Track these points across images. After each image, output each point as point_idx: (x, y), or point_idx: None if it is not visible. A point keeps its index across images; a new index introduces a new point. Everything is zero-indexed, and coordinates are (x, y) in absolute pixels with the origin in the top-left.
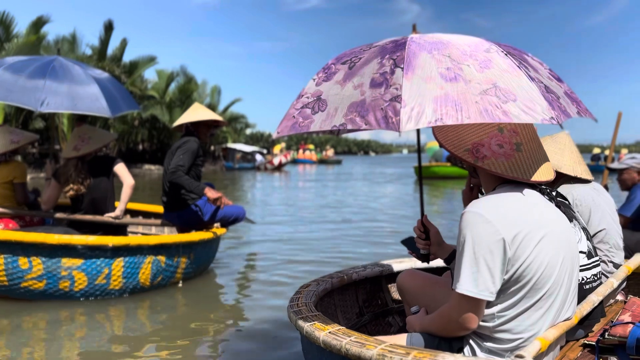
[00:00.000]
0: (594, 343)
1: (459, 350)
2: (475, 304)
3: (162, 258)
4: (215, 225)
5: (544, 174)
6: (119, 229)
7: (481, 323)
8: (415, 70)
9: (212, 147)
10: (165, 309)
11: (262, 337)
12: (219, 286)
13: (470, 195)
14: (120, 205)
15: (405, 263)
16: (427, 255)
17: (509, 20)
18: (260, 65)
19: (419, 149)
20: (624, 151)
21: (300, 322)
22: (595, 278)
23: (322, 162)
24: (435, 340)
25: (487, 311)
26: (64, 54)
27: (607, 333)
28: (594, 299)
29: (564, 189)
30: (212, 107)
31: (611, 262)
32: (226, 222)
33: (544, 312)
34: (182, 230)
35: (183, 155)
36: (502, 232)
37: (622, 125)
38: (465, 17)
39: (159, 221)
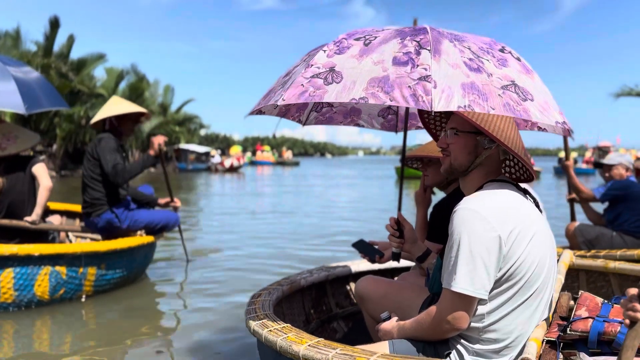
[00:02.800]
0: (554, 339)
1: (446, 355)
2: (469, 303)
3: (61, 269)
4: (139, 232)
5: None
6: (41, 236)
7: (470, 324)
8: (442, 55)
9: (165, 148)
10: (63, 326)
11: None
12: (135, 300)
13: (424, 196)
14: (36, 210)
15: (351, 266)
16: (398, 254)
17: (462, 27)
18: (215, 66)
19: (404, 149)
20: (587, 154)
21: (270, 336)
22: None
23: (280, 163)
24: (420, 346)
25: (477, 311)
26: (7, 50)
27: (568, 329)
28: (554, 295)
29: None
30: (164, 106)
31: None
32: (153, 230)
33: (533, 310)
34: (106, 237)
35: (109, 155)
36: (498, 229)
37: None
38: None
39: (79, 227)
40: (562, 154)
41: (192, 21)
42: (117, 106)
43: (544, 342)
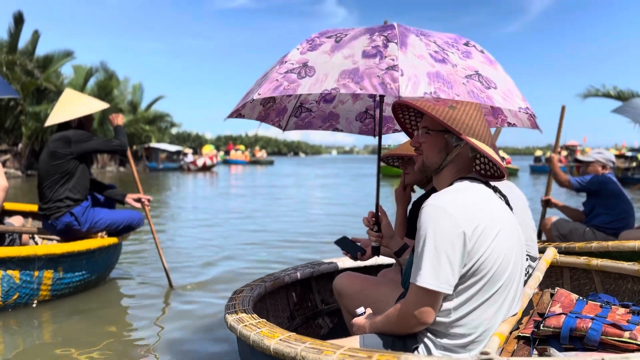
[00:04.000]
0: (528, 335)
1: (414, 349)
2: (434, 297)
3: (14, 273)
4: (100, 234)
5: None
6: None
7: (437, 319)
8: (409, 47)
9: (134, 147)
10: (16, 333)
11: None
12: (97, 305)
13: (404, 194)
14: None
15: (336, 263)
16: (377, 247)
17: (434, 26)
18: (186, 64)
19: (379, 148)
20: (563, 153)
21: (245, 331)
22: (526, 272)
23: (254, 162)
24: (389, 340)
25: (443, 306)
26: None
27: (541, 325)
28: (529, 292)
29: None
30: (134, 105)
31: (528, 254)
32: (116, 231)
33: (499, 306)
34: (65, 240)
35: (94, 141)
36: (462, 225)
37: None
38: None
39: (35, 229)
40: (538, 152)
41: (163, 18)
42: (85, 105)
43: (519, 338)
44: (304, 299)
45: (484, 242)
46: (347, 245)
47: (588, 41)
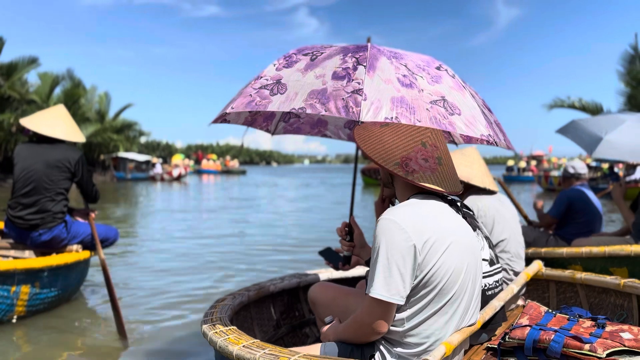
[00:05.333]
0: (496, 346)
1: (371, 357)
2: (386, 308)
3: None
4: (75, 248)
5: (456, 186)
6: None
7: (391, 328)
8: (376, 70)
9: (102, 156)
10: None
11: None
12: (72, 320)
13: (382, 206)
14: None
15: (323, 273)
16: (349, 257)
17: (402, 39)
18: (156, 72)
19: (356, 159)
20: (523, 163)
21: (214, 337)
22: (497, 284)
23: (226, 172)
24: (349, 348)
25: (397, 316)
26: None
27: (507, 336)
28: (495, 304)
29: (470, 200)
30: (101, 113)
31: (512, 270)
32: (91, 244)
33: (450, 317)
34: (41, 254)
35: (91, 177)
36: (413, 238)
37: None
38: (362, 34)
39: (6, 243)
40: (510, 162)
41: (133, 26)
42: (78, 132)
43: (488, 349)
44: (291, 309)
45: (434, 255)
46: (330, 256)
47: (553, 54)
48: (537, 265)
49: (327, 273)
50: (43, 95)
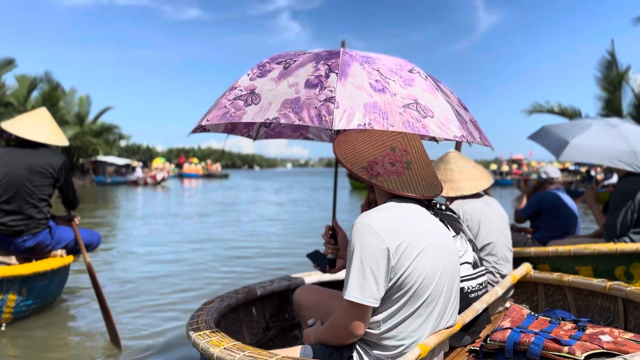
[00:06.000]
0: (478, 348)
1: (349, 358)
2: (361, 311)
3: None
4: (60, 253)
5: (431, 190)
6: None
7: (368, 330)
8: (348, 77)
9: (81, 160)
10: None
11: None
12: (60, 326)
13: (368, 209)
14: None
15: (312, 276)
16: (334, 260)
17: (384, 44)
18: (137, 75)
19: (336, 162)
20: (504, 166)
21: (197, 339)
22: (481, 287)
23: (209, 176)
24: (328, 351)
25: (373, 319)
26: None
27: (489, 339)
28: (477, 306)
29: (456, 204)
30: (81, 116)
31: (499, 273)
32: (75, 249)
33: (425, 319)
34: (25, 260)
35: (72, 184)
36: (387, 241)
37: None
38: (344, 38)
39: None
40: (493, 166)
41: (113, 28)
42: (63, 136)
43: (471, 351)
44: (281, 311)
45: (407, 258)
46: (318, 259)
47: (532, 60)
48: (525, 268)
49: (316, 276)
50: (20, 97)
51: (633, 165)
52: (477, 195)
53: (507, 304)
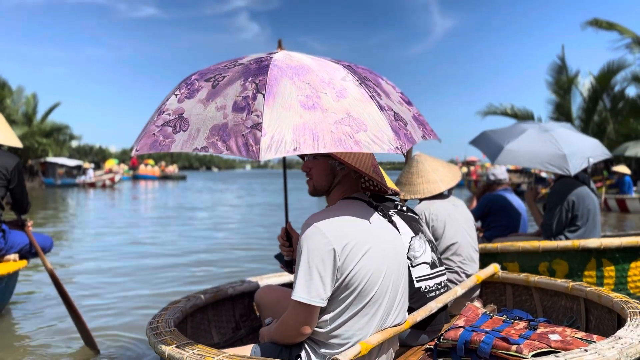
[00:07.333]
0: (432, 347)
1: (297, 357)
2: (308, 310)
3: None
4: (13, 257)
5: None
6: None
7: (316, 329)
8: (276, 97)
9: (29, 162)
10: None
11: None
12: (11, 332)
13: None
14: None
15: (284, 277)
16: (291, 261)
17: (343, 46)
18: (90, 73)
19: (284, 163)
20: (464, 169)
21: (152, 338)
22: (439, 287)
23: (165, 177)
24: (278, 349)
25: (321, 318)
26: None
27: (442, 337)
28: (432, 305)
29: (423, 204)
30: (29, 116)
31: (464, 272)
32: (28, 253)
33: (370, 317)
34: None
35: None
36: (333, 242)
37: (431, 144)
38: (303, 40)
39: None
40: None
41: (65, 26)
42: (16, 137)
43: (427, 350)
44: (252, 311)
45: (353, 258)
46: (285, 260)
47: (487, 64)
48: (493, 269)
49: (287, 277)
50: None
51: (562, 168)
52: (443, 196)
53: (477, 304)
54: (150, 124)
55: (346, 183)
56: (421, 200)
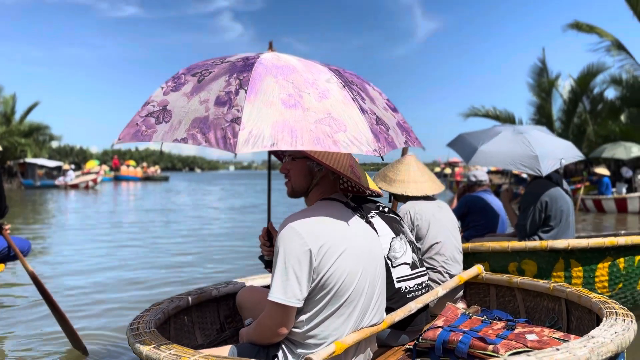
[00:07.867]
0: (411, 347)
1: (274, 357)
2: (285, 311)
3: None
4: None
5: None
6: None
7: (293, 329)
8: (258, 94)
9: (8, 162)
10: None
11: None
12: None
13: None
14: None
15: (270, 278)
16: (271, 261)
17: (327, 48)
18: (69, 73)
19: (269, 163)
20: (437, 168)
21: (132, 339)
22: (420, 287)
23: (147, 179)
24: (255, 349)
25: (298, 318)
26: None
27: (421, 337)
28: (411, 306)
29: (408, 205)
30: (7, 116)
31: (447, 273)
32: (6, 257)
33: (346, 318)
34: None
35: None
36: (309, 243)
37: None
38: (287, 41)
39: None
40: (437, 169)
41: (44, 25)
42: None
43: (407, 350)
44: (237, 312)
45: (329, 259)
46: (265, 259)
47: (469, 66)
48: (477, 269)
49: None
50: None
51: (534, 169)
52: (429, 198)
53: (460, 305)
54: (135, 114)
55: (324, 184)
56: (407, 199)
